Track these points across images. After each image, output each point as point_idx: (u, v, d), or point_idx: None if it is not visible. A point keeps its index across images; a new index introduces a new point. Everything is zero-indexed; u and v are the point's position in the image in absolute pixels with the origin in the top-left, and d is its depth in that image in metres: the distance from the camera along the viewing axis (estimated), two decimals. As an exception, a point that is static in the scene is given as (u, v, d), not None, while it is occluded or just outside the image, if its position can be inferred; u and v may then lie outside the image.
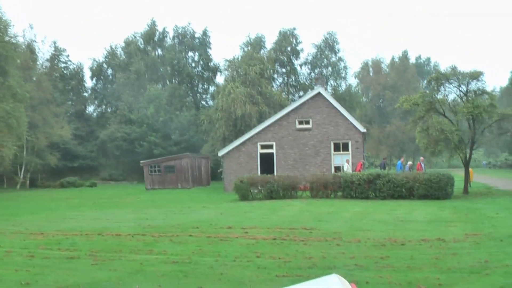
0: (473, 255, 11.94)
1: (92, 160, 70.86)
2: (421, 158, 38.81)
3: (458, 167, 50.43)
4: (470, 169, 33.41)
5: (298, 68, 68.83)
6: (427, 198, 27.33)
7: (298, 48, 67.30)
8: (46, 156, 60.25)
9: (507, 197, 28.61)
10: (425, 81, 52.08)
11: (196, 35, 78.13)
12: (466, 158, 31.50)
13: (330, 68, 68.12)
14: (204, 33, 77.91)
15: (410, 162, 38.41)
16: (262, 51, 64.38)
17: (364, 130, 39.28)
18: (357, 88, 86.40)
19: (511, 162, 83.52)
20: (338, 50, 68.89)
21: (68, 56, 77.37)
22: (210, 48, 78.36)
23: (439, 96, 31.78)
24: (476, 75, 30.44)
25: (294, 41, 66.66)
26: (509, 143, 73.32)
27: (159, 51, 79.34)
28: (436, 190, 27.63)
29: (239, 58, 59.50)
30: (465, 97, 31.00)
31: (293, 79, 68.80)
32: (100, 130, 71.15)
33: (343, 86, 70.00)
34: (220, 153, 40.95)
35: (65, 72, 75.50)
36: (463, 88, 31.11)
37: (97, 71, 78.49)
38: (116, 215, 23.38)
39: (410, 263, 11.17)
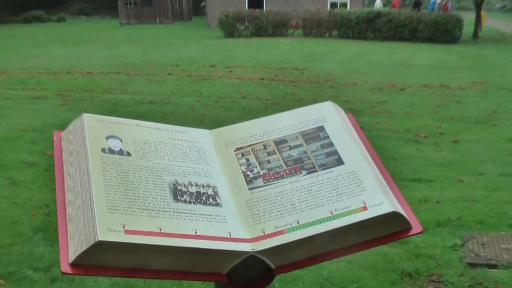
0: (479, 104, 12.01)
1: (60, -8, 69.21)
2: None
3: (468, 9, 49.75)
4: (482, 12, 32.85)
5: None
6: (432, 41, 27.20)
7: None
8: (7, -12, 58.64)
9: (520, 44, 28.47)
10: None
11: None
12: (478, -1, 30.91)
13: None
14: None
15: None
16: None
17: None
18: None
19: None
20: None
21: None
22: None
23: None
24: None
25: None
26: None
27: None
28: (442, 33, 27.45)
29: None
30: None
31: None
32: (68, -42, 68.91)
33: None
34: (204, -15, 39.91)
35: None
36: None
37: None
38: (87, 52, 23.06)
39: (410, 109, 11.24)
